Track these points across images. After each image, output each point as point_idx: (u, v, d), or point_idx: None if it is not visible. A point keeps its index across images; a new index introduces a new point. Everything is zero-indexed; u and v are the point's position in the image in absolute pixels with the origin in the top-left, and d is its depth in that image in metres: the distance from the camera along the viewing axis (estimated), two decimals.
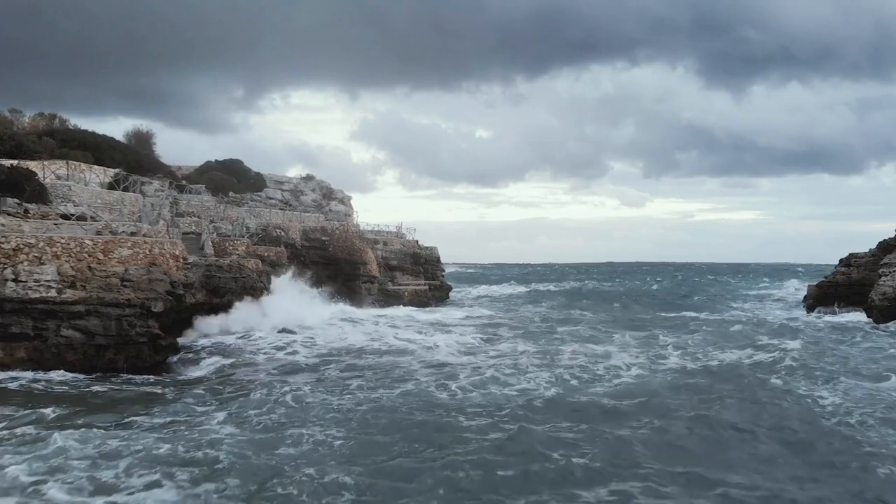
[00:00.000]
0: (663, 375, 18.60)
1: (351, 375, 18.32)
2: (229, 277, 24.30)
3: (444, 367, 19.68)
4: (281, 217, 40.22)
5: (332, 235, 40.78)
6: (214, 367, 19.61)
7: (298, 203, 52.63)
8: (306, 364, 20.27)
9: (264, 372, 19.09)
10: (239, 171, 51.81)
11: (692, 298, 53.32)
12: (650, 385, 17.20)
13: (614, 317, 36.45)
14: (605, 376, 18.39)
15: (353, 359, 21.20)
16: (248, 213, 41.40)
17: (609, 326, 30.75)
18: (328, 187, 58.64)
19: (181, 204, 34.62)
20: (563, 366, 19.77)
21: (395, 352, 22.57)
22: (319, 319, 28.50)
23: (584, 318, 35.85)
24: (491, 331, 29.17)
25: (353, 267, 40.28)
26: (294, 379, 17.92)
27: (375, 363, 20.41)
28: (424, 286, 46.22)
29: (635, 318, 35.78)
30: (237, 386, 16.97)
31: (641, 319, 34.77)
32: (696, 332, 28.85)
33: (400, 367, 19.56)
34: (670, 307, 44.36)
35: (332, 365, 20.05)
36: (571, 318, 36.00)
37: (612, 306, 44.77)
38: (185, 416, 13.83)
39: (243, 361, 20.52)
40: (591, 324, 32.29)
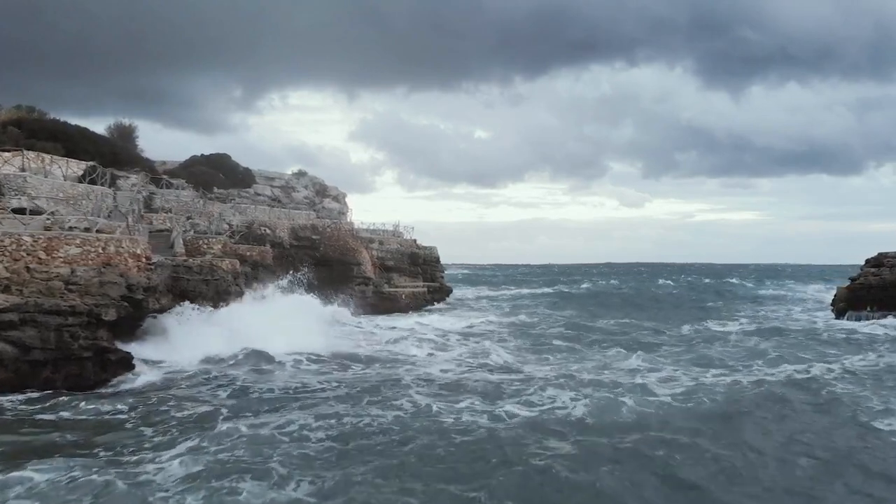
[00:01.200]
0: (730, 394, 15.70)
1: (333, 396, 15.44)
2: (199, 280, 21.37)
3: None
4: (268, 214, 37.33)
5: (323, 234, 37.87)
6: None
7: (290, 200, 49.67)
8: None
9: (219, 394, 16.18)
10: (226, 167, 48.81)
11: (716, 303, 48.90)
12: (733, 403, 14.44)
13: (641, 326, 32.18)
14: (676, 396, 15.46)
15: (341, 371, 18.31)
16: (234, 209, 38.52)
17: (643, 337, 27.42)
18: (322, 184, 55.67)
19: (157, 199, 31.69)
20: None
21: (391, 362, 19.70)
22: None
23: (605, 329, 30.87)
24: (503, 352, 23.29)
25: (347, 268, 37.37)
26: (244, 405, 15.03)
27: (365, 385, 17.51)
28: (423, 288, 43.32)
29: (667, 327, 31.64)
30: (184, 414, 14.04)
31: (672, 327, 31.66)
32: (740, 343, 25.68)
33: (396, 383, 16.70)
34: (699, 313, 39.87)
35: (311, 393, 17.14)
36: (590, 328, 30.85)
37: (631, 312, 40.40)
38: (124, 453, 10.93)
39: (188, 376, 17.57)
40: (619, 335, 27.96)
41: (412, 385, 16.66)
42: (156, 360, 18.44)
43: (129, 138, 48.96)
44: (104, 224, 20.47)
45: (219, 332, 19.89)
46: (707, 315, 38.63)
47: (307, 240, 37.17)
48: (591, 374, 18.19)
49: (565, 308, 43.60)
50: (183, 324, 19.83)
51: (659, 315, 38.81)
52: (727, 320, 35.24)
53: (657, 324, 33.02)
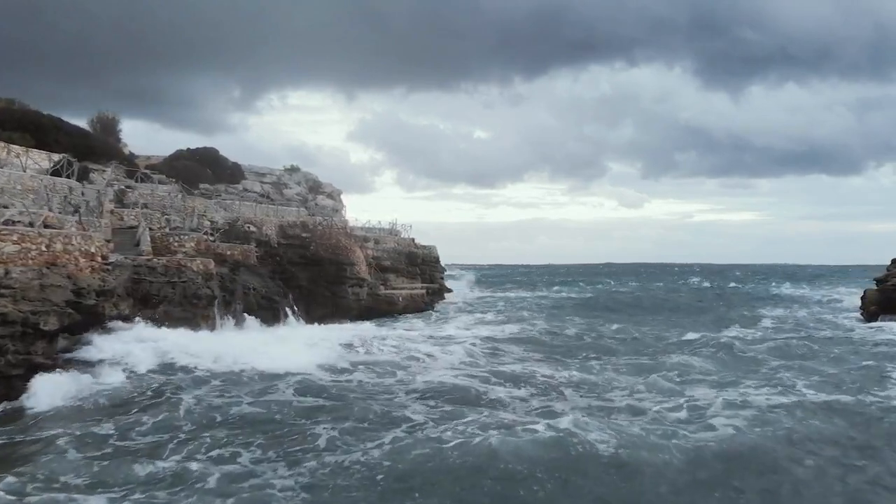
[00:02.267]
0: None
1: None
2: (164, 282, 18.74)
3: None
4: (254, 211, 34.72)
5: (313, 232, 35.22)
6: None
7: (281, 197, 47.10)
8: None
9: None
10: (214, 162, 46.27)
11: (737, 310, 43.23)
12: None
13: (661, 335, 28.08)
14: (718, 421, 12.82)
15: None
16: (218, 205, 35.91)
17: (675, 347, 24.22)
18: (315, 180, 53.12)
19: (132, 194, 29.06)
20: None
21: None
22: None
23: (625, 338, 26.81)
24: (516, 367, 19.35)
25: (339, 268, 34.72)
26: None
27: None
28: (422, 290, 40.70)
29: (692, 338, 26.65)
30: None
31: (704, 336, 28.79)
32: (785, 360, 21.38)
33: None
34: (721, 318, 36.33)
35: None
36: (611, 337, 27.06)
37: (645, 318, 36.70)
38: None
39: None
40: (645, 347, 24.24)
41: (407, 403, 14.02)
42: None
43: (112, 131, 46.53)
44: (54, 218, 17.85)
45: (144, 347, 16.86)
46: (730, 319, 35.77)
47: (296, 238, 34.53)
48: (622, 396, 15.56)
49: (576, 312, 40.16)
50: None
51: (678, 320, 35.84)
52: (749, 326, 32.49)
53: (680, 330, 30.24)
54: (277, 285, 29.15)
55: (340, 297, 34.66)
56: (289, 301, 29.39)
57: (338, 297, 34.57)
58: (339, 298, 34.61)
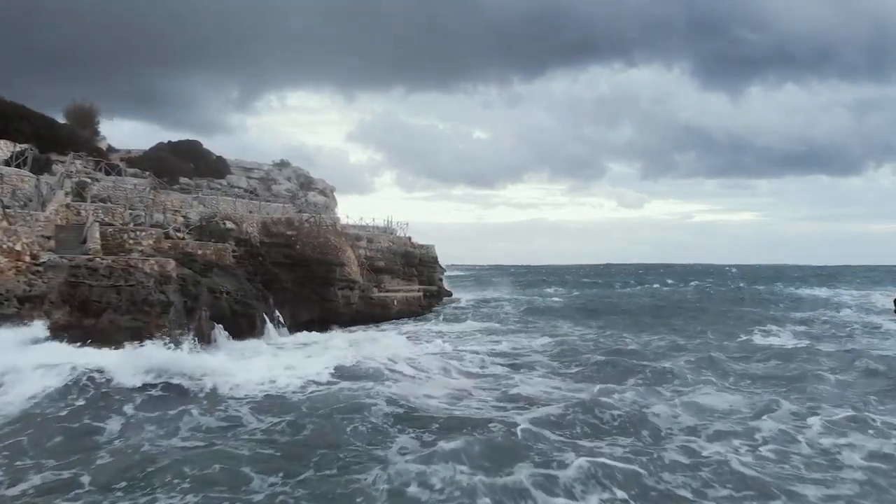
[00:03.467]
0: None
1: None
2: (107, 286, 15.81)
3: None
4: (233, 206, 31.81)
5: (300, 229, 32.31)
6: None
7: (269, 193, 44.16)
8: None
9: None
10: (196, 155, 43.33)
11: (765, 311, 39.63)
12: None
13: (694, 344, 23.95)
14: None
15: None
16: (197, 201, 33.01)
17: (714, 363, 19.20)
18: (307, 176, 50.21)
19: (94, 187, 26.14)
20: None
21: None
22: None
23: (658, 354, 21.17)
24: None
25: (327, 269, 31.83)
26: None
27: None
28: (418, 293, 37.77)
29: (739, 353, 22.62)
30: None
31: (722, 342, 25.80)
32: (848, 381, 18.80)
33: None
34: (747, 323, 32.16)
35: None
36: (635, 354, 21.06)
37: (675, 326, 31.55)
38: None
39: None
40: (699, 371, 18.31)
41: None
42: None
43: (89, 122, 43.67)
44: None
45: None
46: (756, 324, 32.44)
47: (281, 236, 31.62)
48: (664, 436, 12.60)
49: (590, 319, 35.65)
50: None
51: (705, 329, 31.14)
52: (773, 335, 29.35)
53: (707, 339, 27.18)
54: (256, 289, 26.24)
55: (329, 301, 31.77)
56: (269, 306, 26.51)
57: (326, 301, 31.67)
58: (328, 302, 31.72)
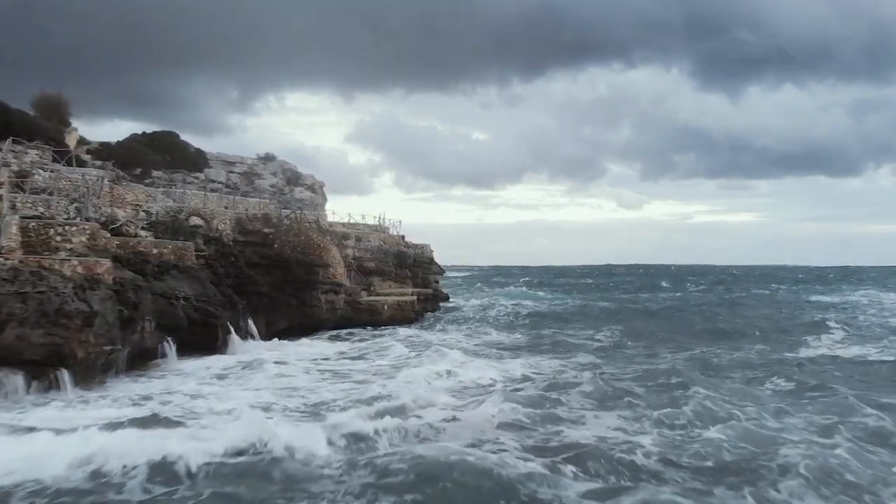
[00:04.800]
0: None
1: None
2: (9, 293, 12.52)
3: None
4: (203, 200, 28.53)
5: (278, 227, 29.00)
6: None
7: (253, 189, 40.88)
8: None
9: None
10: (172, 147, 40.09)
11: (810, 316, 34.78)
12: None
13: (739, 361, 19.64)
14: None
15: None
16: (167, 195, 29.75)
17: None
18: (294, 171, 46.87)
19: (38, 178, 22.84)
20: None
21: None
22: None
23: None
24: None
25: (309, 270, 28.50)
26: None
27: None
28: (412, 297, 34.43)
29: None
30: None
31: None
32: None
33: None
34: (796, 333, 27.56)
35: None
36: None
37: (709, 336, 27.05)
38: None
39: None
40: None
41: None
42: None
43: (57, 112, 40.41)
44: None
45: None
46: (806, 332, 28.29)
47: (257, 234, 28.29)
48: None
49: (605, 326, 30.81)
50: None
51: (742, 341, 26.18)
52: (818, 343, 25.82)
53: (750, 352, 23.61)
54: (223, 294, 22.91)
55: (310, 307, 28.44)
56: (238, 313, 23.19)
57: (307, 307, 28.35)
58: (309, 308, 28.40)
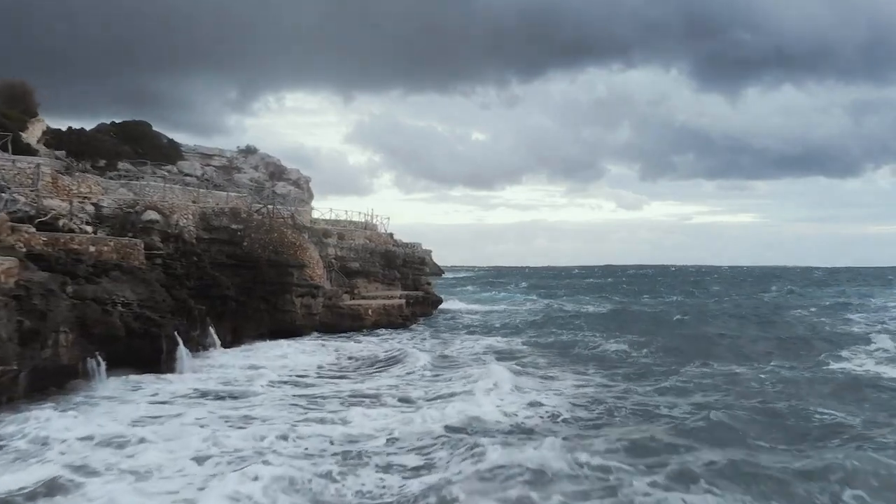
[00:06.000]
0: None
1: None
2: None
3: None
4: (163, 193, 25.55)
5: (248, 222, 26.02)
6: None
7: (231, 183, 37.91)
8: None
9: None
10: (143, 138, 37.12)
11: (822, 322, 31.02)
12: None
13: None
14: None
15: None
16: (127, 188, 26.81)
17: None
18: (277, 164, 43.89)
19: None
20: None
21: None
22: None
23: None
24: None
25: (282, 271, 25.54)
26: None
27: None
28: (400, 300, 31.46)
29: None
30: None
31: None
32: None
33: None
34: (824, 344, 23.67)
35: None
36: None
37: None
38: None
39: None
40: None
41: None
42: None
43: (21, 101, 37.52)
44: None
45: None
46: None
47: (223, 230, 25.33)
48: None
49: (621, 334, 26.47)
50: None
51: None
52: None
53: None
54: (176, 298, 19.88)
55: (283, 312, 25.50)
56: (194, 320, 20.20)
57: (279, 312, 25.40)
58: (282, 313, 25.45)
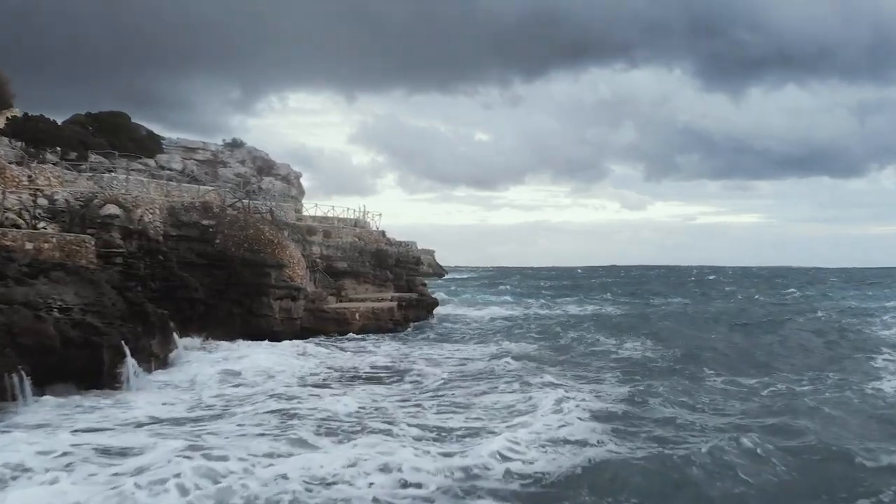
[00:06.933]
0: None
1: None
2: None
3: None
4: (125, 186, 23.37)
5: (220, 218, 23.79)
6: None
7: (209, 176, 35.74)
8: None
9: None
10: (119, 130, 34.97)
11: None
12: None
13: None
14: None
15: None
16: (94, 180, 24.66)
17: None
18: (265, 159, 41.71)
19: None
20: None
21: None
22: None
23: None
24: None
25: (258, 272, 23.30)
26: None
27: None
28: (391, 302, 29.17)
29: None
30: None
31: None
32: None
33: None
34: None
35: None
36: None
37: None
38: None
39: None
40: None
41: None
42: None
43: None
44: None
45: None
46: None
47: (194, 227, 23.10)
48: None
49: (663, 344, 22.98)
50: None
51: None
52: None
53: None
54: (131, 302, 17.61)
55: (259, 316, 23.24)
56: (151, 327, 17.91)
57: (254, 316, 23.16)
58: (257, 318, 23.20)
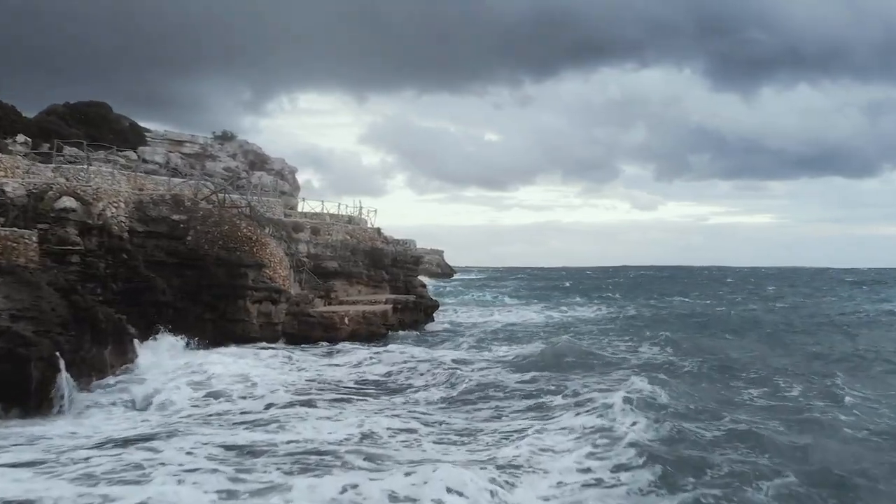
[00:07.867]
0: None
1: None
2: None
3: None
4: (87, 177, 21.29)
5: (192, 213, 21.66)
6: None
7: (195, 171, 33.68)
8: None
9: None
10: (100, 121, 32.99)
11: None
12: None
13: None
14: None
15: None
16: (59, 172, 22.64)
17: None
18: (258, 153, 39.65)
19: None
20: None
21: None
22: None
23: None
24: None
25: (233, 272, 21.17)
26: None
27: None
28: (385, 305, 26.94)
29: None
30: None
31: None
32: None
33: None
34: None
35: None
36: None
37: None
38: None
39: None
40: None
41: None
42: None
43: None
44: None
45: None
46: None
47: (164, 223, 20.99)
48: None
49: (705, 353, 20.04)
50: None
51: None
52: None
53: None
54: (78, 307, 15.48)
55: (234, 321, 21.10)
56: (102, 335, 15.80)
57: (229, 321, 21.02)
58: (232, 323, 21.06)
